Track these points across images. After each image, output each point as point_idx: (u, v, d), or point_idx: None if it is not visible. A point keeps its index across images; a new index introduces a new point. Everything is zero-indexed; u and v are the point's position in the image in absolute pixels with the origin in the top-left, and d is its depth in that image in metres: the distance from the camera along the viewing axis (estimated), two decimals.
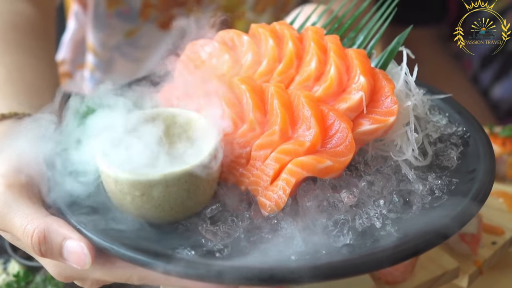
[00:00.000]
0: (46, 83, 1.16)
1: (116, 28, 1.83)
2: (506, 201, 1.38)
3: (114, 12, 1.79)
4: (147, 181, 0.85)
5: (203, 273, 0.81)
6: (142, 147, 0.88)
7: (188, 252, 0.85)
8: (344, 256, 0.83)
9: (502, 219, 1.33)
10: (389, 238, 0.88)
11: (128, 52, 1.84)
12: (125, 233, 0.88)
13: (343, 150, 0.93)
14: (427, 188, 0.96)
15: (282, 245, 0.88)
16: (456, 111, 1.11)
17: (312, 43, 1.04)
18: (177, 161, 0.89)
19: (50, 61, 1.28)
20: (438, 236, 0.85)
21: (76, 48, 1.97)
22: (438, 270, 1.19)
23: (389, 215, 0.92)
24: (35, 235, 0.87)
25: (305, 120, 0.95)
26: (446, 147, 1.04)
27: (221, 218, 0.91)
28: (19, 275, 1.27)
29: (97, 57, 1.88)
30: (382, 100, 0.98)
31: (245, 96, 0.99)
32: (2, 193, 0.91)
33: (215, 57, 1.13)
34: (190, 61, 1.15)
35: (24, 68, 1.17)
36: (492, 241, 1.27)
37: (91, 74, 1.95)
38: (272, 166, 0.92)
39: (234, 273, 0.80)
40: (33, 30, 1.29)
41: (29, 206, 0.90)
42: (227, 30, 1.16)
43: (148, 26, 1.80)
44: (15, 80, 1.13)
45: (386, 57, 1.09)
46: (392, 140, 1.00)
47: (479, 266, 1.23)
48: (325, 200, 0.92)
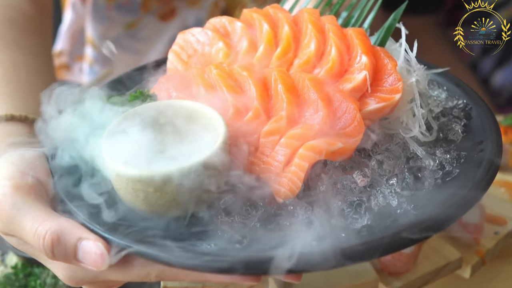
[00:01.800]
0: (43, 82, 1.12)
1: (115, 20, 1.80)
2: (508, 190, 1.37)
3: (114, 4, 1.76)
4: (161, 177, 0.83)
5: (228, 265, 0.79)
6: (151, 142, 0.86)
7: (207, 245, 0.84)
8: (376, 235, 0.82)
9: (504, 209, 1.32)
10: (407, 216, 0.87)
11: (128, 44, 1.81)
12: (141, 231, 0.86)
13: (352, 130, 0.92)
14: (437, 163, 0.96)
15: (301, 231, 0.87)
16: (454, 84, 1.11)
17: (309, 25, 1.03)
18: (189, 154, 0.87)
19: (47, 58, 1.25)
20: (459, 208, 0.85)
21: (74, 40, 1.93)
22: (441, 261, 1.19)
23: (403, 193, 0.92)
24: (48, 236, 0.84)
25: (312, 103, 0.93)
26: (449, 120, 1.03)
27: (235, 209, 0.90)
28: (17, 267, 1.25)
29: (96, 50, 1.85)
30: (386, 78, 0.97)
31: (247, 83, 0.97)
32: (10, 195, 0.88)
33: (208, 46, 1.11)
34: (182, 50, 1.13)
35: (20, 67, 1.13)
36: (495, 231, 1.27)
37: (90, 67, 1.92)
38: (283, 152, 0.91)
39: (260, 263, 0.79)
40: (29, 25, 1.25)
41: (39, 208, 0.87)
42: (218, 17, 1.13)
43: (149, 18, 1.77)
44: (11, 79, 1.10)
45: (383, 34, 1.08)
46: (397, 117, 0.99)
47: (481, 257, 1.22)
48: (338, 183, 0.91)
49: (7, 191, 0.88)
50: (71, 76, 1.98)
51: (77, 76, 1.96)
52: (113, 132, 0.89)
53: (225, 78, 0.98)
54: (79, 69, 1.95)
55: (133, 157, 0.84)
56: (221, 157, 0.87)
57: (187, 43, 1.13)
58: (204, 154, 0.86)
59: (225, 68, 1.00)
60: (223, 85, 0.97)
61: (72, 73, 1.97)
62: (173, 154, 0.86)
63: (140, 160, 0.84)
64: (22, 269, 1.24)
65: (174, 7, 1.73)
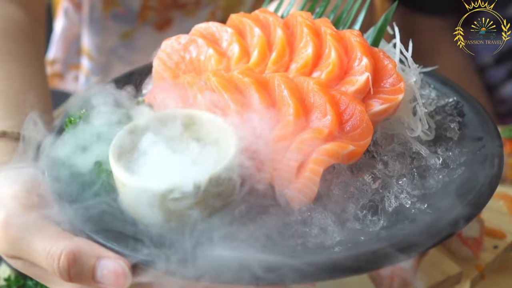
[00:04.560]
0: (36, 95, 1.07)
1: (111, 30, 1.75)
2: (507, 203, 1.37)
3: (110, 14, 1.70)
4: (181, 189, 0.80)
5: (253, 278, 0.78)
6: (167, 155, 0.83)
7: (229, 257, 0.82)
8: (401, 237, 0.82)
9: (503, 222, 1.32)
10: (424, 215, 0.88)
11: (124, 55, 1.76)
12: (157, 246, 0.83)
13: (361, 133, 0.92)
14: (441, 161, 0.97)
15: (320, 237, 0.86)
16: (441, 82, 1.13)
17: (305, 29, 1.02)
18: (205, 164, 0.84)
19: (40, 70, 1.19)
20: (475, 205, 0.86)
21: (68, 48, 1.86)
22: (440, 276, 1.18)
23: (413, 192, 0.92)
24: (64, 256, 0.80)
25: (319, 107, 0.93)
26: (444, 118, 1.05)
27: (250, 217, 0.88)
28: (10, 279, 1.20)
29: (93, 62, 1.78)
30: (387, 79, 0.97)
31: (250, 90, 0.95)
32: (17, 216, 0.83)
33: (197, 52, 1.08)
34: (168, 57, 1.10)
35: (14, 79, 1.07)
36: (494, 245, 1.26)
37: (86, 78, 1.87)
38: (295, 157, 0.89)
39: (293, 271, 0.77)
40: (23, 36, 1.19)
41: (50, 228, 0.83)
42: (204, 23, 1.11)
43: (145, 28, 1.72)
44: (4, 92, 1.04)
45: (375, 35, 1.09)
46: (398, 117, 1.00)
47: (481, 271, 1.22)
48: (351, 186, 0.91)
49: (13, 211, 0.83)
50: (65, 84, 1.91)
51: (71, 84, 1.90)
52: (122, 147, 0.86)
53: (225, 85, 0.96)
54: (73, 77, 1.88)
55: (151, 171, 0.81)
56: (237, 166, 0.85)
57: (173, 50, 1.10)
58: (221, 164, 0.84)
59: (224, 75, 0.98)
60: (224, 92, 0.95)
61: (65, 81, 1.91)
62: (190, 165, 0.83)
63: (159, 173, 0.81)
64: (15, 281, 1.20)
65: (170, 17, 1.70)
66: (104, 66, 1.83)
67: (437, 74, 1.14)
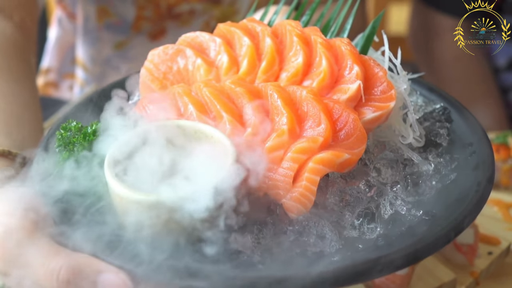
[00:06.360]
0: (29, 113, 1.05)
1: (105, 40, 1.74)
2: (501, 209, 1.37)
3: (103, 24, 1.69)
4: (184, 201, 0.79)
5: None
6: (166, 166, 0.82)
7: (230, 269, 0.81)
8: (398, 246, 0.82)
9: (497, 228, 1.32)
10: (420, 221, 0.88)
11: (119, 65, 1.73)
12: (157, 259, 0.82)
13: (355, 141, 0.92)
14: (432, 167, 0.98)
15: (318, 246, 0.86)
16: (427, 89, 1.14)
17: (294, 38, 1.02)
18: (205, 175, 0.84)
19: (32, 86, 1.17)
20: (471, 210, 0.87)
21: (62, 57, 1.83)
22: (434, 282, 1.18)
23: (407, 199, 0.93)
24: (63, 271, 0.78)
25: (312, 116, 0.93)
26: (432, 125, 1.06)
27: (247, 228, 0.87)
28: None
29: (87, 72, 1.76)
30: (378, 87, 0.98)
31: (242, 99, 0.95)
32: (13, 233, 0.81)
33: (185, 62, 1.07)
34: (155, 67, 1.09)
35: (6, 97, 1.05)
36: (488, 251, 1.26)
37: (81, 88, 1.85)
38: (291, 167, 0.89)
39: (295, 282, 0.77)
40: (16, 53, 1.17)
41: (50, 243, 0.81)
42: (191, 32, 1.10)
43: (139, 38, 1.71)
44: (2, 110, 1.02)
45: (363, 43, 1.09)
46: (389, 125, 1.00)
47: (475, 277, 1.21)
48: (347, 194, 0.91)
49: (9, 228, 0.82)
50: (59, 93, 1.89)
51: (66, 93, 1.87)
52: (117, 160, 0.84)
53: (217, 95, 0.96)
54: (68, 87, 1.86)
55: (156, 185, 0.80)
56: (235, 176, 0.85)
57: (161, 60, 1.09)
58: (219, 175, 0.83)
59: (216, 85, 0.98)
60: (217, 102, 0.95)
61: (60, 90, 1.88)
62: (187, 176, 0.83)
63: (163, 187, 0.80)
64: None
65: (164, 27, 1.69)
66: (98, 77, 1.82)
67: (423, 81, 1.15)
